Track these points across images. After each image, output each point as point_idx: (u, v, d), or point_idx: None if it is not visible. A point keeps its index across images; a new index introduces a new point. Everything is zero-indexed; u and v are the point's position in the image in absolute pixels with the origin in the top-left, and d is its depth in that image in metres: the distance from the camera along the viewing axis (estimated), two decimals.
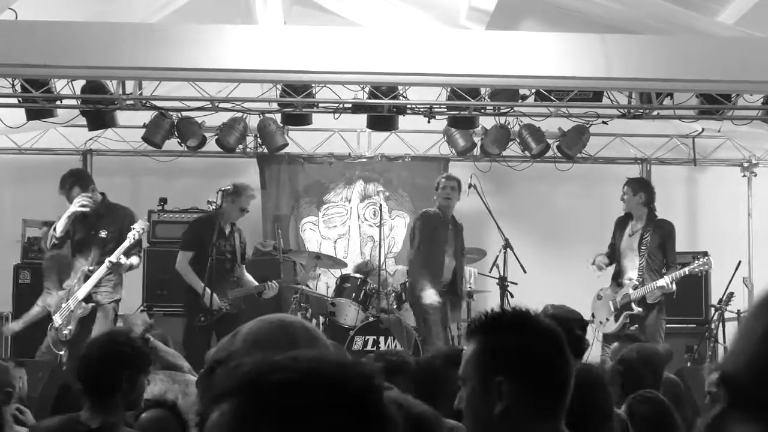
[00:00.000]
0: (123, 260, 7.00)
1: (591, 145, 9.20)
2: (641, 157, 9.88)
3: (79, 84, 7.58)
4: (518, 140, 9.06)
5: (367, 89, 7.62)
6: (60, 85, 7.55)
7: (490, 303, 8.14)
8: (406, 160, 9.76)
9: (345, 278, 8.54)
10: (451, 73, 6.69)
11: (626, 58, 6.56)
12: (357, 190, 9.83)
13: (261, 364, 1.08)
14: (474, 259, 8.60)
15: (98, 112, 7.93)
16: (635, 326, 7.53)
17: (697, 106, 7.81)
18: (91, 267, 7.08)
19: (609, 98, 7.83)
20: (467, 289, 8.37)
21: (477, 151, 9.33)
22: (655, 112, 8.03)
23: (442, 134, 9.28)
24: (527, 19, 7.61)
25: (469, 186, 7.98)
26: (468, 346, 2.09)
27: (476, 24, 7.58)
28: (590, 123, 8.55)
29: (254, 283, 7.64)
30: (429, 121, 8.20)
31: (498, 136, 8.96)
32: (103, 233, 7.15)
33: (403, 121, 8.27)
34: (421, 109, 8.00)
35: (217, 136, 8.91)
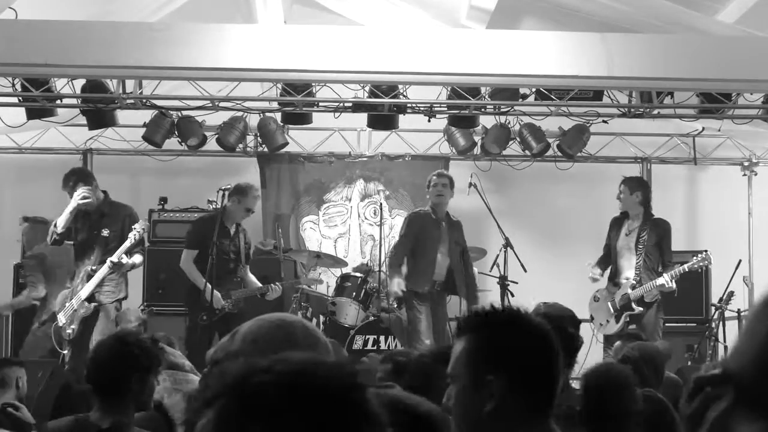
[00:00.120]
0: (124, 260, 7.01)
1: (591, 144, 9.20)
2: (641, 156, 9.88)
3: (80, 83, 7.58)
4: (518, 139, 9.06)
5: (367, 88, 7.62)
6: (60, 85, 7.55)
7: (491, 302, 8.13)
8: (406, 159, 9.76)
9: (345, 277, 8.55)
10: (451, 72, 6.68)
11: (627, 57, 6.56)
12: (357, 189, 9.83)
13: (243, 368, 1.09)
14: (474, 258, 8.59)
15: (98, 112, 7.93)
16: (633, 325, 7.53)
17: (697, 105, 7.81)
18: (94, 266, 7.08)
19: (609, 97, 7.83)
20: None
21: (477, 150, 9.33)
22: (655, 111, 8.03)
23: (442, 133, 9.28)
24: (528, 18, 7.61)
25: (470, 185, 7.98)
26: (457, 343, 2.08)
27: (477, 23, 7.57)
28: (590, 122, 8.56)
29: (258, 284, 7.64)
30: (429, 120, 8.20)
31: (498, 135, 8.96)
32: (105, 232, 7.15)
33: (404, 120, 8.27)
34: (422, 108, 8.00)
35: (217, 136, 8.92)
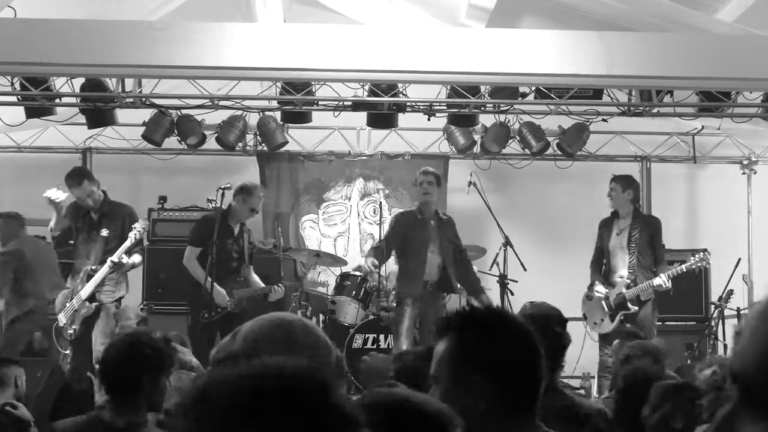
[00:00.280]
0: (125, 260, 7.01)
1: (591, 142, 9.20)
2: (641, 154, 9.88)
3: (79, 82, 7.58)
4: (518, 138, 9.06)
5: (366, 87, 7.62)
6: (59, 83, 7.54)
7: (491, 301, 8.12)
8: (406, 158, 9.76)
9: (345, 276, 8.55)
10: (451, 70, 6.69)
11: (626, 55, 6.56)
12: (357, 188, 9.83)
13: (213, 376, 1.11)
14: (474, 257, 8.59)
15: (98, 110, 7.92)
16: (628, 324, 7.53)
17: (696, 103, 7.82)
18: (93, 266, 7.09)
19: (609, 96, 7.83)
20: None
21: (477, 148, 9.33)
22: (655, 110, 8.04)
23: (442, 132, 9.28)
24: (527, 16, 7.61)
25: (469, 184, 7.98)
26: (440, 344, 2.06)
27: (476, 22, 7.57)
28: (590, 121, 8.56)
29: (261, 284, 7.64)
30: (429, 119, 8.21)
31: (498, 133, 8.96)
32: (105, 232, 7.15)
33: (403, 118, 8.27)
34: (421, 107, 8.00)
35: (217, 134, 8.91)
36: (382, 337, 7.87)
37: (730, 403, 0.99)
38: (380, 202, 8.58)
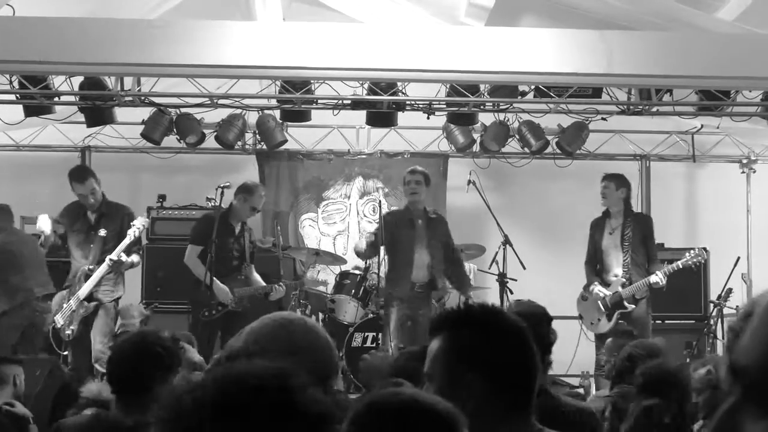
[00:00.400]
0: (124, 258, 7.00)
1: (590, 141, 9.20)
2: (640, 153, 9.88)
3: (78, 80, 7.57)
4: (517, 137, 9.05)
5: (366, 85, 7.61)
6: (58, 82, 7.53)
7: (490, 299, 8.13)
8: (405, 156, 9.74)
9: (344, 275, 8.55)
10: (450, 69, 6.68)
11: (626, 54, 6.55)
12: (356, 187, 9.82)
13: (180, 387, 1.16)
14: (473, 256, 8.60)
15: (97, 109, 7.91)
16: (623, 321, 7.53)
17: (696, 102, 7.82)
18: (91, 266, 7.07)
19: (608, 95, 7.83)
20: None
21: (476, 147, 9.32)
22: (654, 109, 8.03)
23: (441, 131, 9.27)
24: (526, 15, 7.60)
25: (469, 182, 7.98)
26: (434, 342, 2.05)
27: (475, 20, 7.55)
28: (589, 119, 8.56)
29: (262, 283, 7.63)
30: (428, 118, 8.20)
31: (497, 132, 8.96)
32: (103, 232, 7.14)
33: (403, 117, 8.26)
34: (421, 106, 7.99)
35: (216, 133, 8.90)
36: (381, 335, 7.86)
37: (731, 400, 0.96)
38: (379, 201, 8.57)
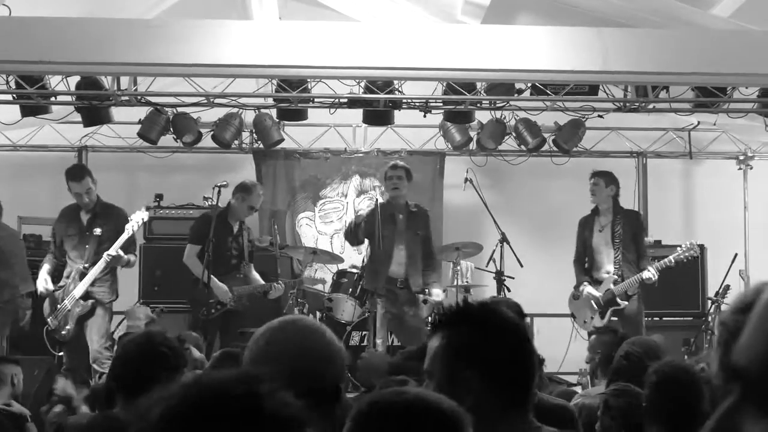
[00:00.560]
0: (122, 253, 6.99)
1: (587, 138, 9.20)
2: (637, 150, 9.88)
3: (74, 80, 7.57)
4: (514, 134, 9.06)
5: (362, 84, 7.62)
6: (55, 82, 7.53)
7: (488, 297, 8.12)
8: (402, 154, 9.73)
9: (341, 273, 8.54)
10: (446, 67, 6.68)
11: (622, 51, 6.56)
12: (353, 186, 9.82)
13: (156, 400, 1.17)
14: (470, 254, 8.59)
15: (93, 109, 7.91)
16: (615, 318, 7.53)
17: (692, 99, 7.82)
18: (86, 265, 7.06)
19: (605, 92, 7.83)
20: (464, 282, 8.34)
21: (473, 145, 9.32)
22: (650, 106, 8.04)
23: (438, 129, 9.28)
24: (523, 13, 7.60)
25: (466, 180, 7.98)
26: (433, 340, 2.07)
27: (472, 18, 7.56)
28: (586, 117, 8.56)
29: (261, 282, 7.63)
30: (425, 116, 8.20)
31: (494, 130, 8.96)
32: (98, 231, 7.12)
33: (399, 115, 8.27)
34: (417, 104, 8.00)
35: (212, 132, 8.90)
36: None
37: (731, 399, 0.95)
38: (377, 199, 8.55)
